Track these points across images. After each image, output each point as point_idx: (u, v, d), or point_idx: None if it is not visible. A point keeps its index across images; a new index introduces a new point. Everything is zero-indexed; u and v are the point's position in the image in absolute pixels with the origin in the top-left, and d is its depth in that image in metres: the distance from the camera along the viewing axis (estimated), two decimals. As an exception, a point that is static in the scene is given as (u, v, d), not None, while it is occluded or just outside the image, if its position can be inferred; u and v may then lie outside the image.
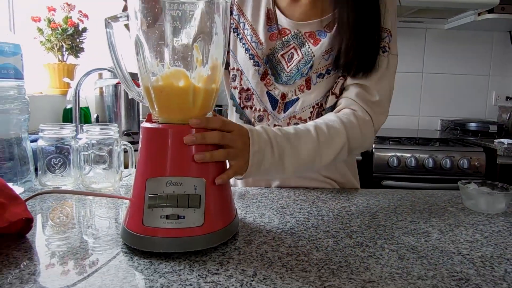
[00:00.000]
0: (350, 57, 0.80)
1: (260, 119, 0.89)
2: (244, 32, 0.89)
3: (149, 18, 0.54)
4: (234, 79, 0.91)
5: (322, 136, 0.72)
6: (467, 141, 2.18)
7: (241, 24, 0.90)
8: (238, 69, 0.90)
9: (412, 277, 0.47)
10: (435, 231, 0.64)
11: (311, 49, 0.84)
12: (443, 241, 0.59)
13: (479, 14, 2.24)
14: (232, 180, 1.01)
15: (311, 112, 0.86)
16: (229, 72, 0.93)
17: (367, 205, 0.77)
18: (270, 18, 0.88)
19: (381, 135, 2.17)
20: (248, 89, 0.89)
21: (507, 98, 2.63)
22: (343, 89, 0.85)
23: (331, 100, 0.85)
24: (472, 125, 2.37)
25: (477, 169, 1.93)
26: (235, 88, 0.92)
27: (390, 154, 1.94)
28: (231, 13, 0.90)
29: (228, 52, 0.91)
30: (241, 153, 0.61)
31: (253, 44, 0.87)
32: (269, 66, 0.87)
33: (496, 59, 2.62)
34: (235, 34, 0.90)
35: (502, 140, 2.05)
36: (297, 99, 0.86)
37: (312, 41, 0.85)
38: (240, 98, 0.91)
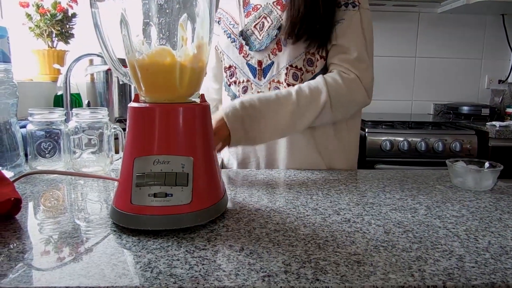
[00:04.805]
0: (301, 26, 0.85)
1: (245, 90, 0.95)
2: (224, 21, 0.99)
3: None
4: (221, 60, 1.01)
5: (302, 98, 0.80)
6: (460, 124, 2.19)
7: (222, 16, 1.01)
8: (221, 52, 1.00)
9: (397, 250, 0.48)
10: (422, 207, 0.64)
11: (278, 14, 0.89)
12: (430, 216, 0.60)
13: (471, -3, 2.22)
14: (226, 161, 1.03)
15: (286, 74, 0.89)
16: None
17: (356, 184, 0.78)
18: (245, 1, 0.96)
19: (374, 119, 2.18)
20: (230, 66, 0.97)
21: (499, 81, 2.63)
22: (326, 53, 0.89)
23: (320, 63, 0.89)
24: (465, 109, 2.38)
25: (469, 152, 1.94)
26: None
27: (383, 138, 1.94)
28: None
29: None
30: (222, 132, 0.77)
31: (230, 25, 0.97)
32: (243, 38, 0.93)
33: (488, 43, 2.62)
34: (220, 25, 1.00)
35: (494, 122, 2.06)
36: (272, 63, 0.91)
37: (279, 7, 0.90)
38: (226, 76, 0.99)
